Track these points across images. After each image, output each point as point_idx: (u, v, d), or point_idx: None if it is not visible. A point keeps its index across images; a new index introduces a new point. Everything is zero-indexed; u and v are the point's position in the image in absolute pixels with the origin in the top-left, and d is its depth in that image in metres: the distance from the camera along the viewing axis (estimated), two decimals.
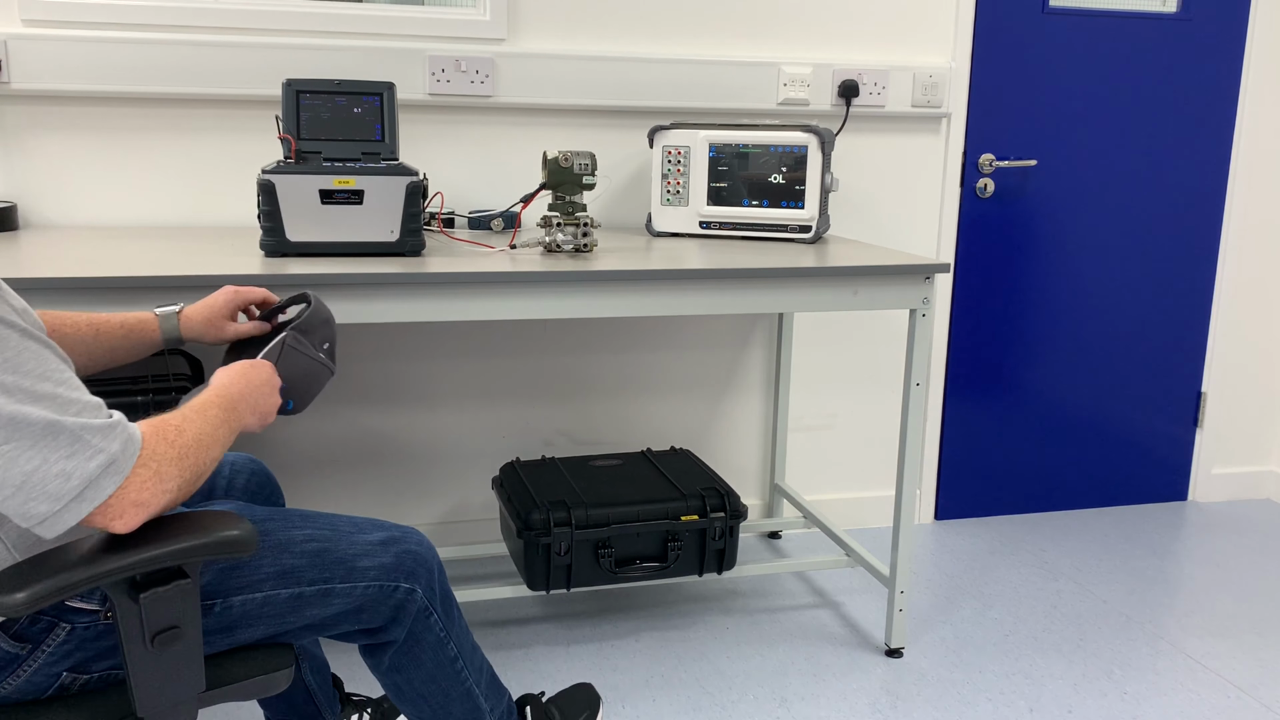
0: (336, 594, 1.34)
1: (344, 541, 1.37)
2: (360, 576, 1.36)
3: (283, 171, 1.90)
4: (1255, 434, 3.33)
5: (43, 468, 0.98)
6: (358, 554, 1.36)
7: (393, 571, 1.39)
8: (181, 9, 2.31)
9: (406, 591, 1.40)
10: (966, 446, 3.08)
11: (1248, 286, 3.20)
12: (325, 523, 1.39)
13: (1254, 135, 3.08)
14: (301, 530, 1.35)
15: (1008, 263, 2.99)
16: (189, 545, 1.07)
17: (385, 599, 1.39)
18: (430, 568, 1.44)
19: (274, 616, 1.31)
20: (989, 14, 2.82)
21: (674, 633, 2.40)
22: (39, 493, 0.98)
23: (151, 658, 1.11)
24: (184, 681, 1.15)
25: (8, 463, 0.97)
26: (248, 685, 1.23)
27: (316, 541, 1.35)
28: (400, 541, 1.41)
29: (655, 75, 2.59)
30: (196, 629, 1.14)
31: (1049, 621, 2.50)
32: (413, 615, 1.42)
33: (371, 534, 1.40)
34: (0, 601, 0.97)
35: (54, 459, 0.98)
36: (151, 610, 1.09)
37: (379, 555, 1.38)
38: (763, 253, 2.21)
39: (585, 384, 2.76)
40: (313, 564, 1.33)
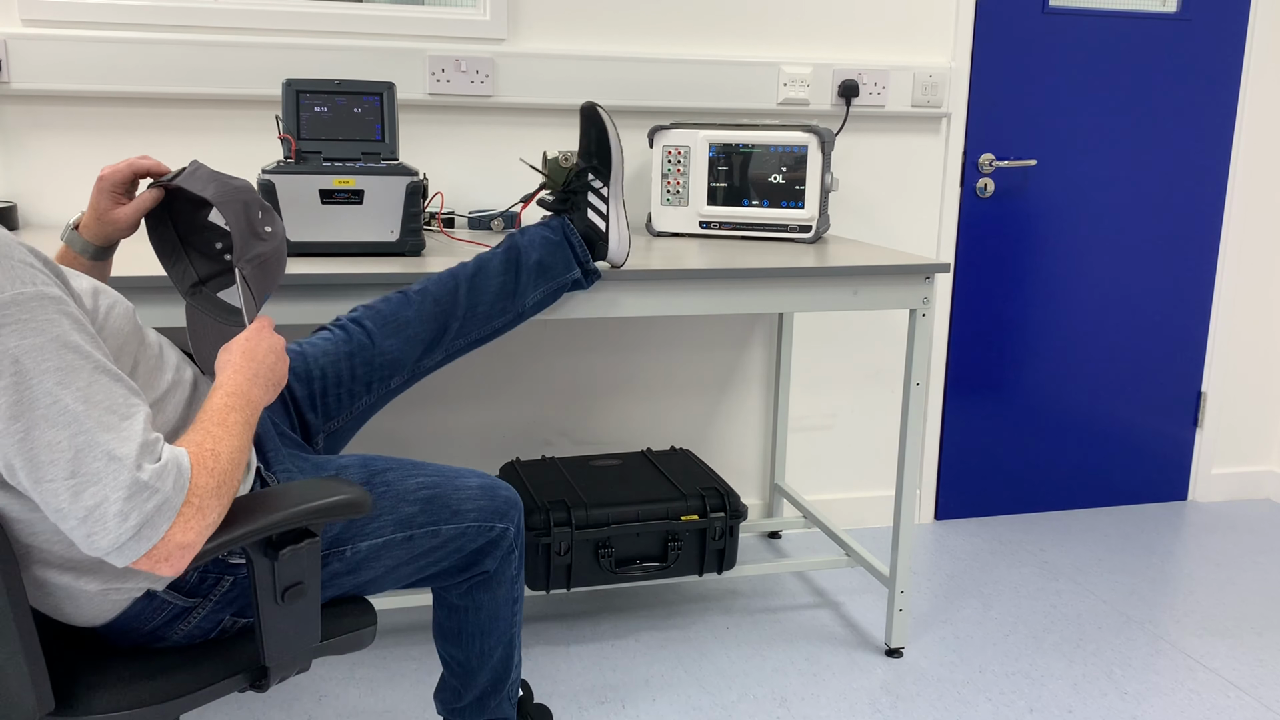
0: (443, 534, 1.50)
1: (449, 488, 1.53)
2: (463, 519, 1.52)
3: (283, 171, 1.90)
4: (1255, 434, 3.33)
5: (102, 505, 1.01)
6: (462, 499, 1.53)
7: (490, 513, 1.55)
8: (181, 9, 2.31)
9: (501, 530, 1.56)
10: (966, 446, 3.09)
11: (1248, 286, 3.20)
12: (434, 471, 1.54)
13: (1254, 135, 3.08)
14: (415, 478, 1.51)
15: (1008, 263, 2.99)
16: (318, 506, 1.19)
17: (482, 535, 1.55)
18: (519, 510, 1.60)
19: (391, 558, 1.45)
20: (989, 14, 2.82)
21: (674, 633, 2.40)
22: (101, 529, 1.01)
23: (280, 611, 1.22)
24: (304, 634, 1.27)
25: (71, 496, 1.00)
26: (343, 640, 1.36)
27: (428, 489, 1.50)
28: (495, 488, 1.58)
29: (655, 75, 2.59)
30: (317, 585, 1.25)
31: (1049, 621, 2.50)
32: (503, 551, 1.58)
33: (471, 480, 1.56)
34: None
35: (114, 498, 1.01)
36: (284, 567, 1.20)
37: (479, 499, 1.54)
38: (763, 253, 2.21)
39: (585, 384, 2.76)
40: (424, 510, 1.48)
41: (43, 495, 1.01)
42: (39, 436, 1.00)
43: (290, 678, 1.35)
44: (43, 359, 1.01)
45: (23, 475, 1.02)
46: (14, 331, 1.00)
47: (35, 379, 1.00)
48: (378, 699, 2.10)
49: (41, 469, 1.00)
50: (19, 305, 1.00)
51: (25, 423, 0.99)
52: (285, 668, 1.27)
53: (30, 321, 1.01)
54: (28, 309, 1.01)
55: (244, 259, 1.38)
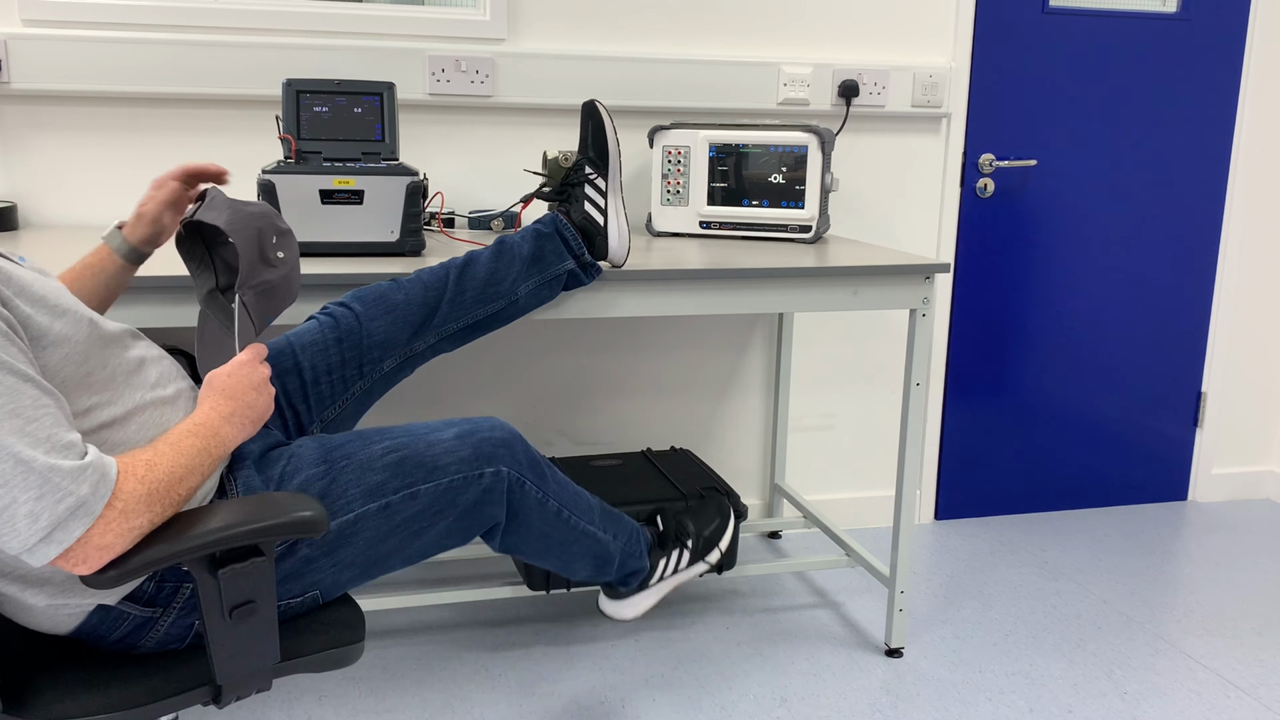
0: (422, 495, 1.40)
1: (421, 445, 1.42)
2: (442, 474, 1.41)
3: (283, 171, 1.90)
4: (1255, 434, 3.33)
5: (11, 507, 1.00)
6: (437, 454, 1.42)
7: (472, 462, 1.44)
8: (181, 9, 2.31)
9: (491, 475, 1.46)
10: (966, 446, 3.09)
11: (1248, 286, 3.20)
12: (401, 432, 1.44)
13: (1254, 135, 3.08)
14: (380, 444, 1.40)
15: (1008, 263, 2.99)
16: (264, 525, 1.14)
17: (471, 486, 1.44)
18: (510, 445, 1.49)
19: (371, 531, 1.37)
20: (989, 14, 2.82)
21: (674, 633, 2.40)
22: (9, 530, 1.00)
23: (229, 629, 1.18)
24: (259, 653, 1.22)
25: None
26: (321, 658, 1.30)
27: (396, 452, 1.40)
28: (474, 433, 1.46)
29: (655, 75, 2.59)
30: (271, 604, 1.20)
31: (1049, 621, 2.50)
32: (505, 493, 1.48)
33: (446, 432, 1.45)
34: (89, 576, 1.03)
35: (22, 499, 1.00)
36: (229, 585, 1.15)
37: (457, 450, 1.43)
38: (763, 253, 2.21)
39: (585, 384, 2.76)
40: (395, 474, 1.38)
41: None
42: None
43: (247, 696, 1.29)
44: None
45: None
46: None
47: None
48: (378, 699, 2.10)
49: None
50: None
51: None
52: (240, 687, 1.23)
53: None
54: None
55: (247, 285, 1.39)
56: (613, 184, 1.92)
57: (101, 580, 1.06)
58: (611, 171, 1.92)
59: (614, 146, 1.93)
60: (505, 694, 2.13)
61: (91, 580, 1.06)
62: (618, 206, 1.92)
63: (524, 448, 1.53)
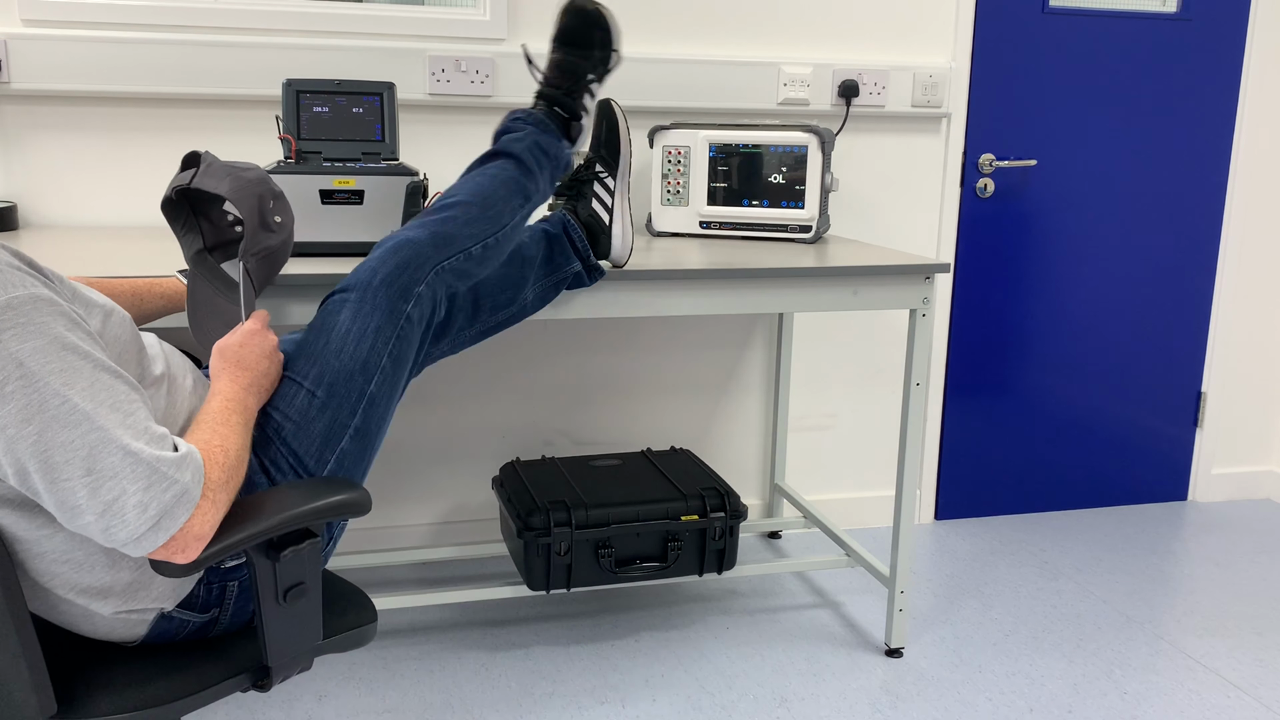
0: (376, 394, 1.41)
1: (337, 358, 1.39)
2: (375, 359, 1.41)
3: (283, 171, 1.90)
4: (1255, 434, 3.33)
5: (121, 499, 1.01)
6: (355, 352, 1.40)
7: (390, 317, 1.43)
8: (181, 9, 2.31)
9: (415, 307, 1.47)
10: (966, 446, 3.08)
11: (1248, 286, 3.20)
12: (311, 365, 1.39)
13: (1254, 135, 3.08)
14: (304, 390, 1.37)
15: (1008, 263, 2.99)
16: (318, 507, 1.19)
17: (410, 333, 1.46)
18: (406, 265, 1.47)
19: (360, 446, 1.39)
20: (989, 14, 2.82)
21: (674, 633, 2.40)
22: (119, 522, 1.02)
23: (282, 611, 1.22)
24: (306, 633, 1.26)
25: (86, 499, 1.01)
26: (344, 638, 1.35)
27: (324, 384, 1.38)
28: (366, 289, 1.43)
29: (655, 75, 2.59)
30: (318, 585, 1.25)
31: (1049, 621, 2.50)
32: (440, 299, 1.52)
33: (343, 318, 1.42)
34: (163, 565, 1.06)
35: (132, 490, 1.02)
36: (285, 568, 1.20)
37: (368, 322, 1.42)
38: (763, 253, 2.21)
39: (585, 384, 2.76)
40: (338, 403, 1.37)
41: (59, 495, 1.01)
42: (53, 437, 1.00)
43: (291, 677, 1.35)
44: (46, 360, 1.00)
45: (37, 478, 1.01)
46: (14, 335, 0.99)
47: (41, 380, 1.00)
48: (378, 699, 2.10)
49: (57, 469, 1.00)
50: (14, 309, 1.00)
51: (38, 425, 0.99)
52: (287, 667, 1.27)
53: (28, 324, 1.00)
54: (23, 312, 1.00)
55: (250, 253, 1.39)
56: (622, 184, 1.92)
57: (185, 569, 1.07)
58: (621, 171, 1.91)
59: (626, 147, 1.91)
60: (505, 694, 2.13)
61: (172, 570, 1.07)
62: (624, 206, 1.91)
63: (415, 246, 1.50)
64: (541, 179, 1.72)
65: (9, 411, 0.98)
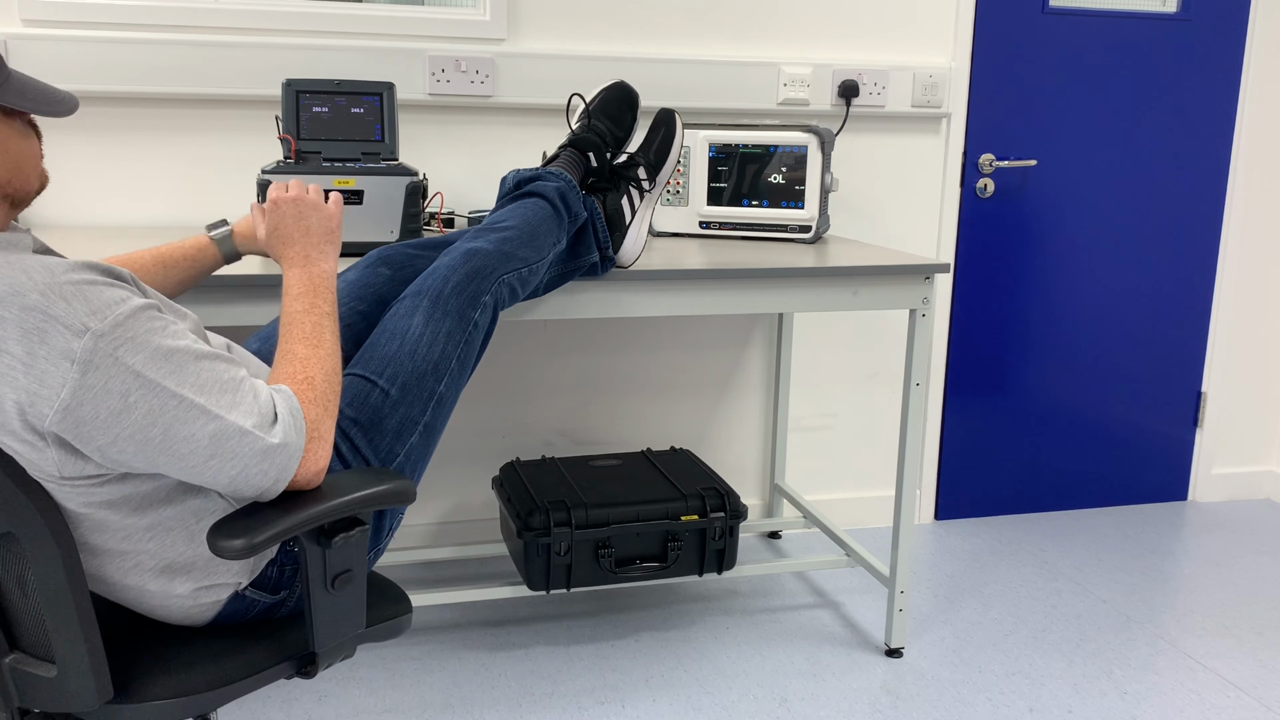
0: (445, 392, 1.50)
1: (410, 360, 1.48)
2: (445, 362, 1.51)
3: (283, 171, 1.90)
4: (1255, 434, 3.33)
5: (244, 473, 1.14)
6: (427, 354, 1.49)
7: (460, 321, 1.54)
8: (181, 9, 2.31)
9: (482, 313, 1.57)
10: (966, 446, 3.09)
11: (1248, 286, 3.20)
12: (381, 360, 1.47)
13: (1254, 135, 3.08)
14: (377, 389, 1.46)
15: (1008, 263, 2.99)
16: (367, 495, 1.23)
17: (473, 337, 1.56)
18: (475, 275, 1.58)
19: (425, 440, 1.48)
20: (989, 14, 2.82)
21: (674, 633, 2.40)
22: (246, 486, 1.15)
23: (330, 598, 1.26)
24: (351, 621, 1.30)
25: (214, 475, 1.13)
26: (385, 627, 1.39)
27: (397, 382, 1.46)
28: (438, 297, 1.53)
29: (655, 75, 2.59)
30: (364, 573, 1.29)
31: (1049, 621, 2.50)
32: (497, 305, 1.62)
33: (414, 323, 1.51)
34: (222, 546, 1.10)
35: (253, 466, 1.14)
36: (335, 555, 1.24)
37: (439, 326, 1.51)
38: (763, 253, 2.21)
39: (585, 384, 2.76)
40: (412, 402, 1.46)
41: (189, 476, 1.13)
42: (177, 433, 1.09)
43: (333, 665, 1.39)
44: (157, 365, 1.08)
45: (170, 468, 1.12)
46: (127, 350, 1.06)
47: (158, 385, 1.08)
48: (378, 699, 2.10)
49: (184, 459, 1.11)
50: (121, 325, 1.07)
51: (162, 427, 1.08)
52: (332, 654, 1.31)
53: (135, 337, 1.07)
54: (129, 327, 1.07)
55: None
56: (655, 192, 1.98)
57: (232, 548, 1.13)
58: (659, 181, 1.97)
59: (673, 161, 1.98)
60: (505, 694, 2.13)
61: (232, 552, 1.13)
62: (647, 215, 1.96)
63: (484, 256, 1.60)
64: (564, 229, 1.80)
65: (136, 419, 1.07)
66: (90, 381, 1.04)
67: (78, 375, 1.03)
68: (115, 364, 1.05)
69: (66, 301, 1.04)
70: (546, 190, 1.79)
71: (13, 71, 1.13)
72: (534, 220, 1.72)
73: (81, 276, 1.07)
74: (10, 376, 1.03)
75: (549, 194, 1.78)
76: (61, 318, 1.03)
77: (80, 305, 1.04)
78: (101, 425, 1.05)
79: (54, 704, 1.18)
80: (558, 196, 1.78)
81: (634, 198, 1.93)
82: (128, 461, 1.10)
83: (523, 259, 1.66)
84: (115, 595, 1.25)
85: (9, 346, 1.02)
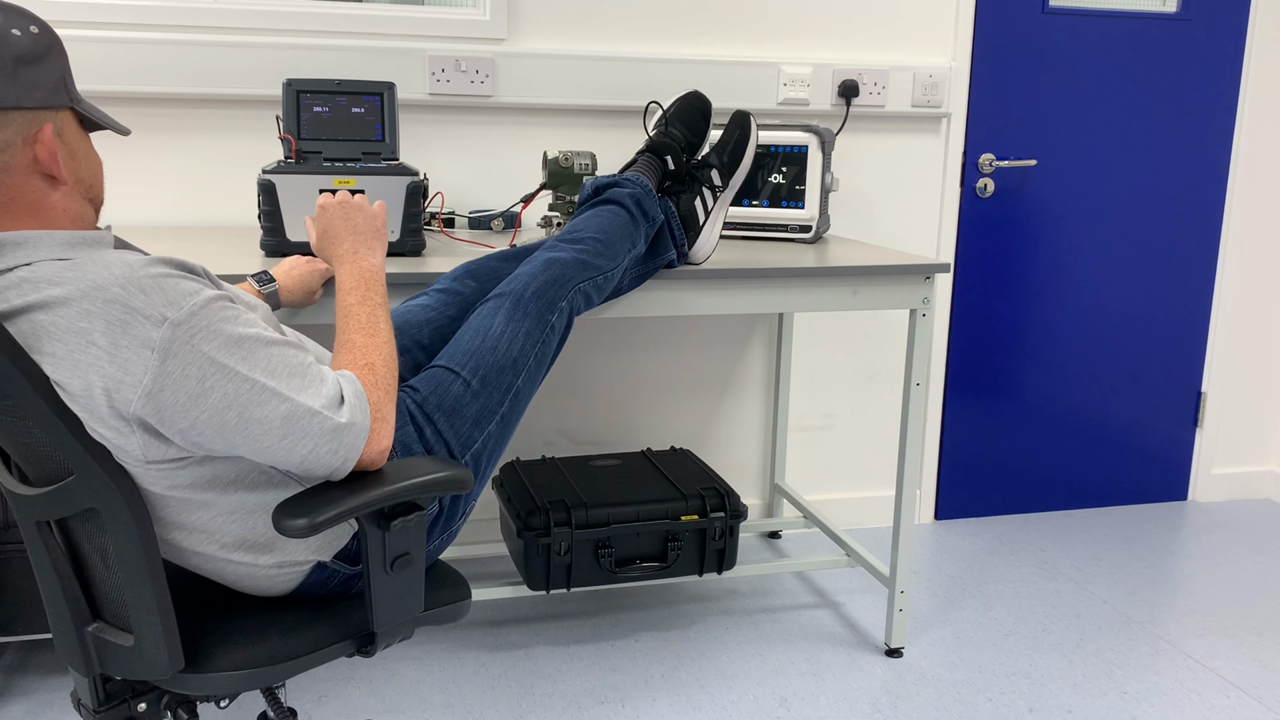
0: (521, 387, 1.59)
1: (491, 355, 1.57)
2: (523, 359, 1.60)
3: (283, 171, 1.90)
4: (1255, 434, 3.33)
5: (315, 450, 1.19)
6: (507, 350, 1.59)
7: (539, 321, 1.63)
8: (182, 9, 2.31)
9: (559, 318, 1.67)
10: (966, 446, 3.09)
11: (1248, 286, 3.20)
12: (465, 353, 1.57)
13: (1254, 135, 3.08)
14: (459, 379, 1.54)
15: (1008, 263, 2.99)
16: (427, 480, 1.27)
17: (550, 339, 1.66)
18: (555, 281, 1.67)
19: (502, 431, 1.57)
20: (989, 14, 2.82)
21: (674, 633, 2.40)
22: (317, 465, 1.20)
23: (388, 580, 1.30)
24: (410, 603, 1.34)
25: (286, 455, 1.18)
26: (444, 611, 1.43)
27: (478, 374, 1.56)
28: (520, 297, 1.63)
29: (655, 75, 2.59)
30: (422, 556, 1.33)
31: (1049, 621, 2.50)
32: (573, 311, 1.71)
33: (496, 322, 1.60)
34: (286, 525, 1.15)
35: (323, 445, 1.19)
36: (394, 538, 1.28)
37: (519, 326, 1.61)
38: (763, 252, 2.21)
39: (585, 384, 2.76)
40: (490, 394, 1.56)
41: (264, 456, 1.18)
42: (251, 415, 1.15)
43: (391, 645, 1.44)
44: (230, 352, 1.14)
45: (245, 449, 1.17)
46: (203, 338, 1.12)
47: (232, 370, 1.14)
48: (378, 699, 2.10)
49: (258, 440, 1.16)
50: (196, 315, 1.12)
51: (237, 410, 1.14)
52: (391, 635, 1.35)
53: (209, 326, 1.13)
54: (203, 316, 1.13)
55: None
56: (729, 194, 2.04)
57: (295, 527, 1.17)
58: (733, 183, 2.04)
59: (747, 163, 2.05)
60: (505, 694, 2.13)
61: (296, 530, 1.18)
62: (721, 215, 2.03)
63: (562, 265, 1.69)
64: (641, 233, 1.87)
65: (212, 403, 1.13)
66: (170, 368, 1.10)
67: (158, 362, 1.09)
68: (192, 351, 1.11)
69: (145, 294, 1.10)
70: (622, 197, 1.87)
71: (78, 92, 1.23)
72: (609, 228, 1.81)
73: (158, 270, 1.13)
74: (98, 366, 1.09)
75: (625, 201, 1.87)
76: (141, 309, 1.09)
77: (158, 297, 1.10)
78: (181, 409, 1.11)
79: (130, 671, 1.24)
80: (633, 203, 1.87)
81: (707, 199, 2.00)
82: (207, 444, 1.15)
83: (598, 267, 1.76)
84: (200, 568, 1.31)
85: (95, 338, 1.09)
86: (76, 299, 1.09)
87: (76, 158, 1.21)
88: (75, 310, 1.09)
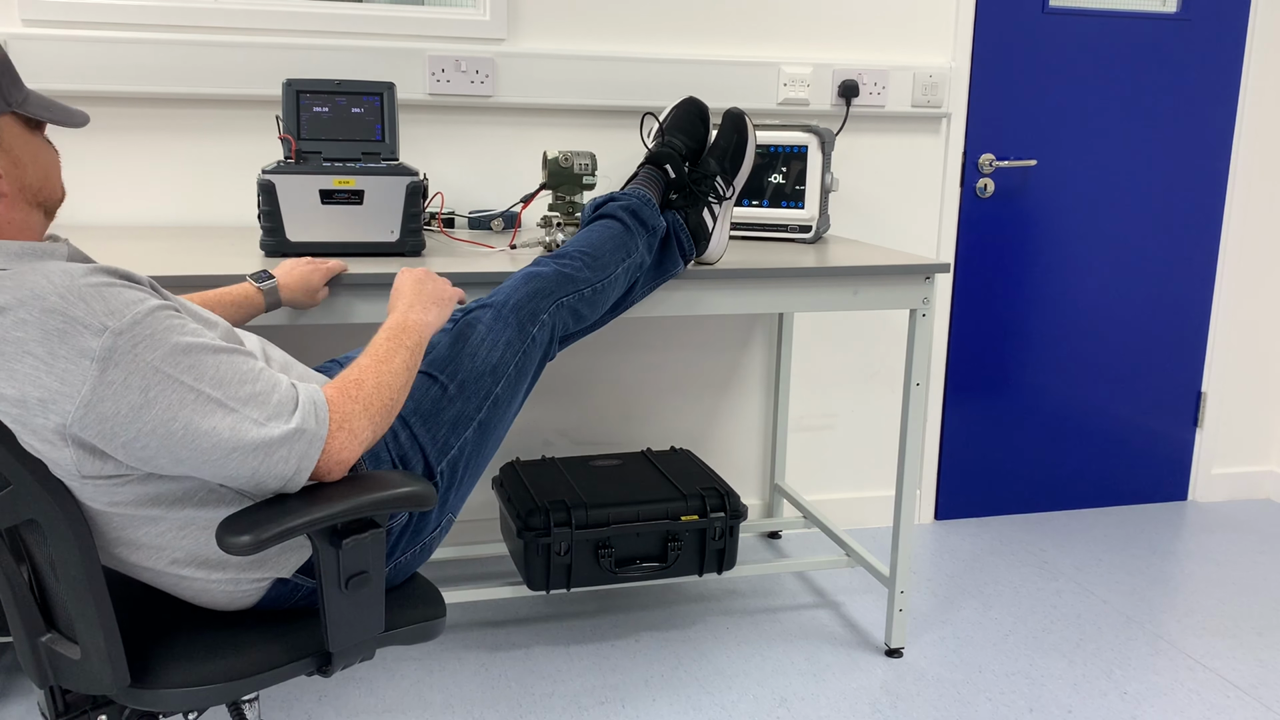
0: (500, 394, 1.59)
1: (469, 362, 1.58)
2: (502, 367, 1.61)
3: (283, 171, 1.90)
4: (1255, 434, 3.33)
5: (266, 462, 1.16)
6: (487, 357, 1.59)
7: (519, 332, 1.64)
8: (181, 9, 2.31)
9: (539, 330, 1.68)
10: (966, 446, 3.09)
11: (1248, 286, 3.20)
12: (442, 360, 1.58)
13: (1254, 135, 3.08)
14: (436, 385, 1.55)
15: (1008, 263, 2.99)
16: (381, 497, 1.22)
17: (532, 351, 1.66)
18: (539, 293, 1.70)
19: (480, 438, 1.56)
20: (989, 14, 2.82)
21: (674, 633, 2.40)
22: (269, 476, 1.17)
23: (344, 599, 1.26)
24: (367, 623, 1.30)
25: (236, 468, 1.15)
26: (413, 630, 1.38)
27: (455, 380, 1.57)
28: (504, 305, 1.65)
29: (655, 75, 2.59)
30: (381, 577, 1.28)
31: (1049, 621, 2.50)
32: (555, 327, 1.72)
33: (480, 329, 1.62)
34: (229, 542, 1.12)
35: (274, 453, 1.16)
36: (348, 556, 1.23)
37: (500, 334, 1.62)
38: (763, 253, 2.21)
39: (585, 384, 2.76)
40: (468, 398, 1.56)
41: (212, 471, 1.15)
42: (197, 426, 1.11)
43: (352, 665, 1.39)
44: (174, 361, 1.11)
45: (192, 462, 1.13)
46: (146, 346, 1.09)
47: (176, 380, 1.11)
48: (378, 699, 2.10)
49: (205, 452, 1.13)
50: (139, 324, 1.09)
51: (183, 421, 1.11)
52: (349, 655, 1.31)
53: (153, 335, 1.10)
54: (147, 325, 1.10)
55: None
56: (733, 194, 2.05)
57: (239, 544, 1.14)
58: (736, 183, 2.05)
59: (748, 163, 2.06)
60: (505, 694, 2.13)
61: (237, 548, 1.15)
62: (727, 217, 2.04)
63: (543, 279, 1.71)
64: (639, 242, 1.89)
65: (157, 413, 1.09)
66: (110, 378, 1.07)
67: (97, 372, 1.06)
68: (134, 360, 1.08)
69: (85, 303, 1.07)
70: (615, 210, 1.90)
71: (30, 90, 1.18)
72: (597, 242, 1.83)
73: (99, 280, 1.10)
74: (34, 376, 1.06)
75: (618, 213, 1.89)
76: (81, 318, 1.06)
77: (99, 305, 1.08)
78: (124, 421, 1.08)
79: (78, 684, 1.21)
80: (627, 214, 1.88)
81: (714, 207, 2.01)
82: (153, 458, 1.12)
83: (584, 280, 1.77)
84: (153, 582, 1.28)
85: (31, 348, 1.06)
86: (13, 307, 1.06)
87: (20, 164, 1.15)
88: (10, 319, 1.06)
